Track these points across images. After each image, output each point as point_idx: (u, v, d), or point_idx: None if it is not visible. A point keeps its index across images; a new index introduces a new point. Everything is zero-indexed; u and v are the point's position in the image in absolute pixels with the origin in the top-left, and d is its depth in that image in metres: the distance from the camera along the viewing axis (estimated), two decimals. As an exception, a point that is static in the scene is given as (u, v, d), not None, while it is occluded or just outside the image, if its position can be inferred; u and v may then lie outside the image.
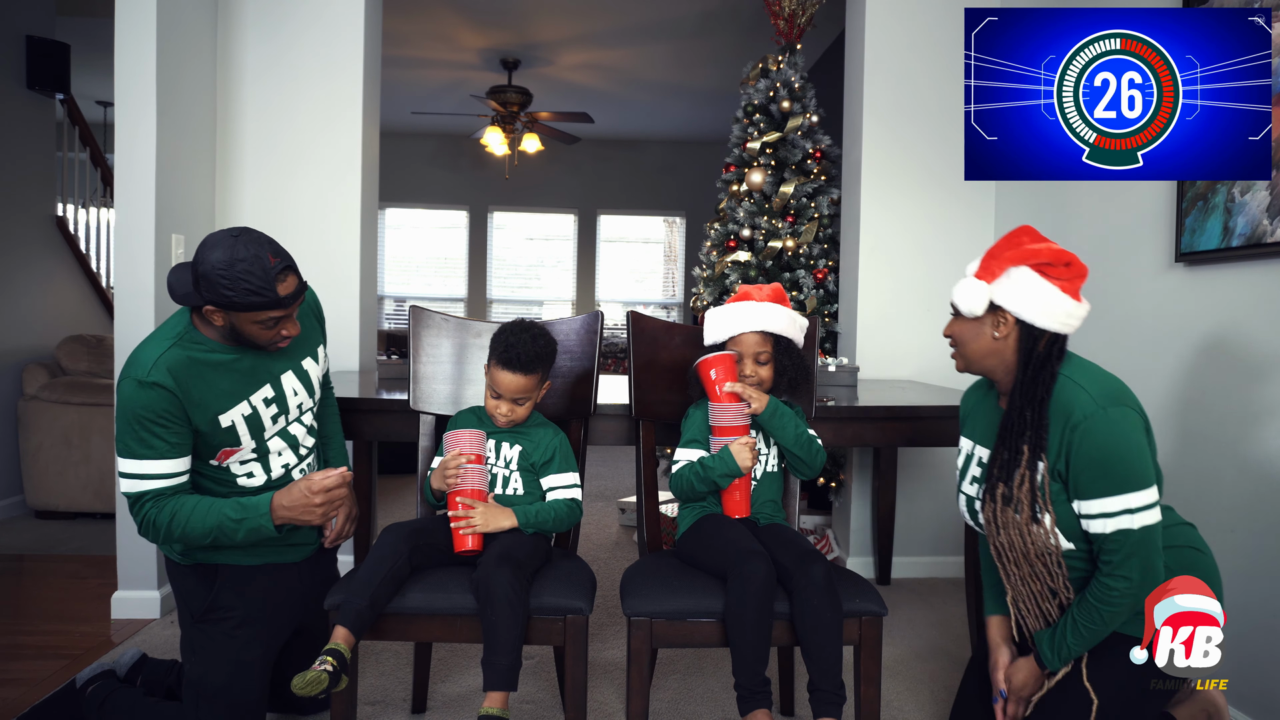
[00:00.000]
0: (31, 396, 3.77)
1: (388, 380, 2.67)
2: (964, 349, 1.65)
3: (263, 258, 1.56)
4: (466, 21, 5.37)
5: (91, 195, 5.09)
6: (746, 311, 1.84)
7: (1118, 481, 1.46)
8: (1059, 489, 1.53)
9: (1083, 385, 1.52)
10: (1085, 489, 1.49)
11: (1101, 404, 1.48)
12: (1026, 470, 1.54)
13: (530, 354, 1.74)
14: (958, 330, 1.66)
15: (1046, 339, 1.56)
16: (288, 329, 1.67)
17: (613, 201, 8.60)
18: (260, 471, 1.75)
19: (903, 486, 3.12)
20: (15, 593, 2.92)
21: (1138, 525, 1.46)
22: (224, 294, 1.55)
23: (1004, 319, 1.58)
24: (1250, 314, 1.95)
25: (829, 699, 1.56)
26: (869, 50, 3.12)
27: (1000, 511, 1.59)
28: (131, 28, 2.51)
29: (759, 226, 3.50)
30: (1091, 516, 1.49)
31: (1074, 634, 1.53)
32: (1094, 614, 1.50)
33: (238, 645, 1.70)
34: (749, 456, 1.74)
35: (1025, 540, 1.56)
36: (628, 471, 5.18)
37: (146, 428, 1.59)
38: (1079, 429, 1.48)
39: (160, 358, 1.61)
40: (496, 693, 1.51)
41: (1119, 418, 1.47)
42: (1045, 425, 1.53)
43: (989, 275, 1.59)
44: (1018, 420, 1.56)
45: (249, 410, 1.70)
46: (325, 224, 3.01)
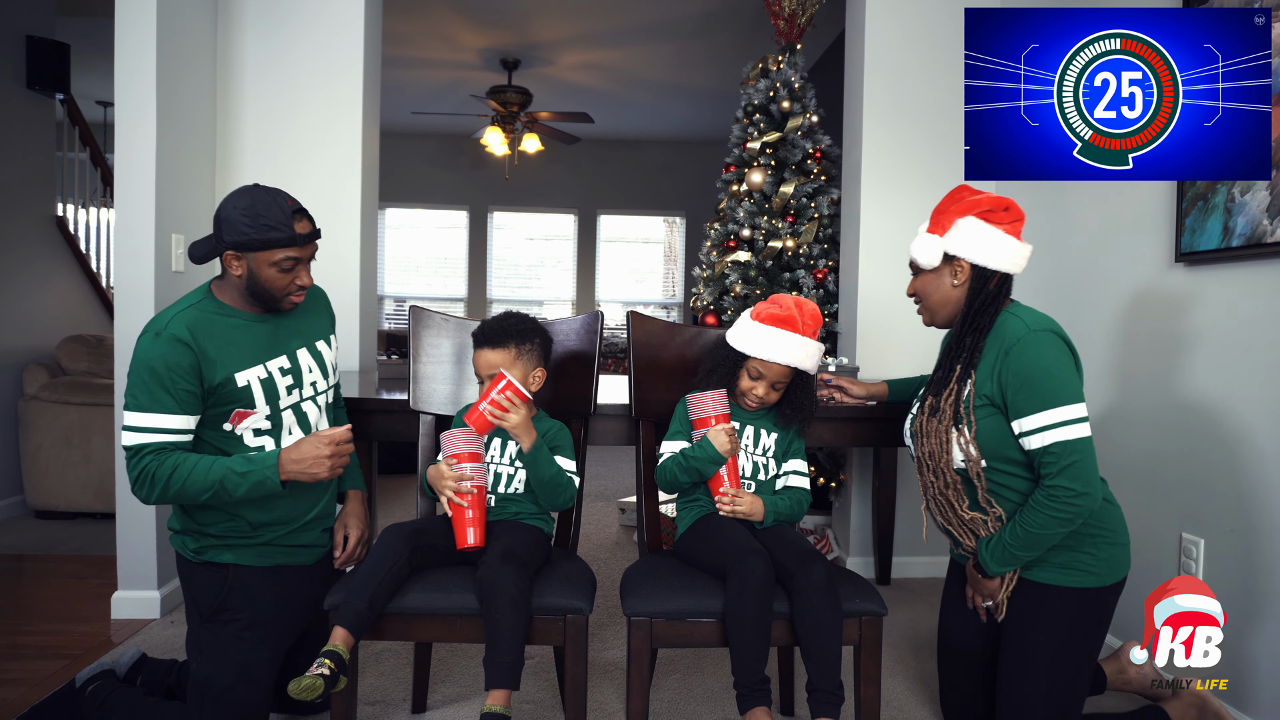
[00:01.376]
0: (31, 396, 3.77)
1: (388, 380, 2.67)
2: (927, 301, 1.79)
3: (280, 199, 1.67)
4: (466, 21, 5.37)
5: (91, 195, 5.09)
6: (787, 343, 1.81)
7: (1049, 395, 1.58)
8: (985, 406, 1.66)
9: (1019, 316, 1.67)
10: (1021, 406, 1.61)
11: (1032, 328, 1.63)
12: (955, 385, 1.70)
13: (494, 327, 1.80)
14: (920, 286, 1.80)
15: (997, 279, 1.72)
16: (302, 277, 1.72)
17: (613, 201, 8.60)
18: (272, 445, 1.76)
19: (903, 486, 3.11)
20: (15, 593, 2.92)
21: (1072, 436, 1.57)
22: (244, 231, 1.63)
23: (960, 267, 1.72)
24: (1250, 314, 1.95)
25: (827, 699, 1.56)
26: (869, 50, 3.12)
27: (926, 422, 1.74)
28: (131, 28, 2.51)
29: (759, 226, 3.50)
30: (1030, 433, 1.60)
31: (1013, 536, 1.63)
32: (1034, 516, 1.60)
33: (245, 647, 1.70)
34: (726, 441, 1.75)
35: (942, 448, 1.70)
36: (628, 471, 5.18)
37: (158, 380, 1.61)
38: (1012, 351, 1.62)
39: (178, 315, 1.67)
40: (499, 691, 1.51)
41: (1046, 340, 1.62)
42: (980, 349, 1.69)
43: (940, 229, 1.73)
44: (957, 345, 1.73)
45: (265, 375, 1.73)
46: (325, 224, 3.00)
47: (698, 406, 1.80)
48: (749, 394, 1.85)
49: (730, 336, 1.86)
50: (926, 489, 1.78)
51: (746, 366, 1.84)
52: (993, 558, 1.67)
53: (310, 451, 1.66)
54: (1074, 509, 1.57)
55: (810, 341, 1.83)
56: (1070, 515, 1.57)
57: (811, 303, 1.88)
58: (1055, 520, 1.58)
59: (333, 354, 1.91)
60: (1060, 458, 1.57)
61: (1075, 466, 1.56)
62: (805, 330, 1.82)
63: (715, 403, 1.79)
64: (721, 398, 1.80)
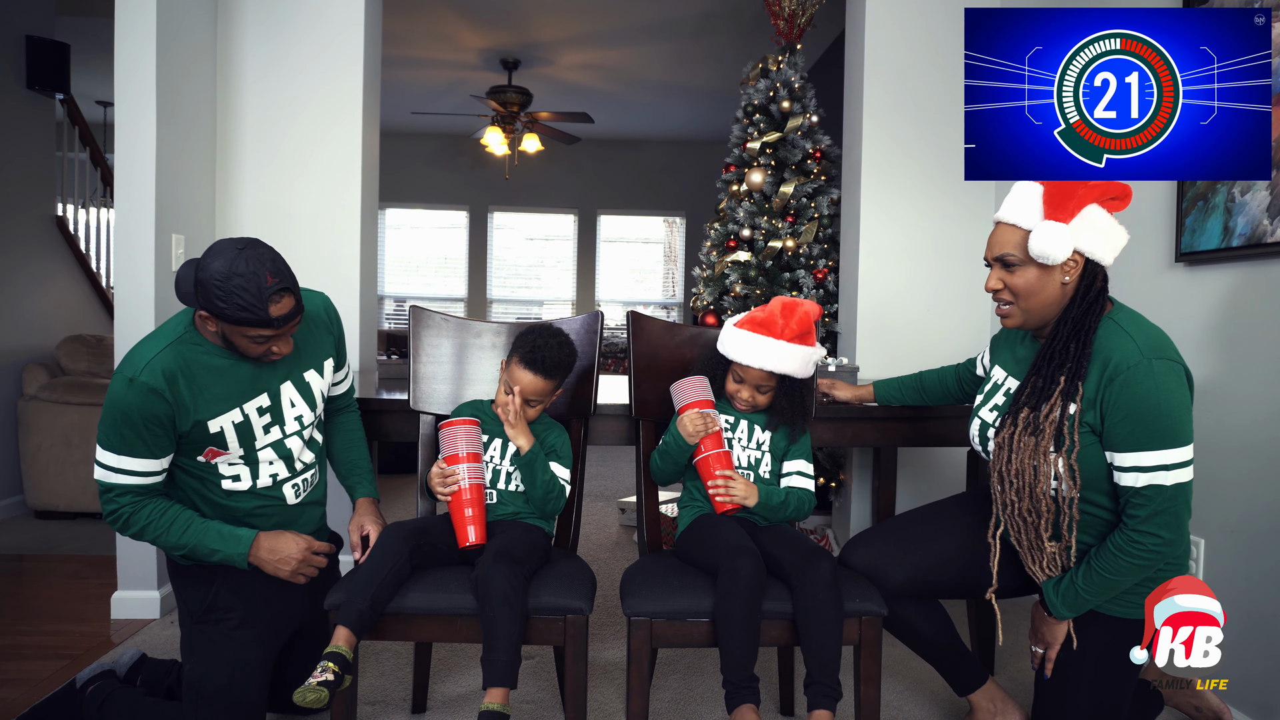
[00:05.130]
0: (31, 396, 3.77)
1: (388, 380, 2.67)
2: (1029, 301, 1.53)
3: (260, 275, 1.53)
4: (466, 21, 5.36)
5: (91, 195, 5.09)
6: (761, 348, 1.78)
7: (1155, 436, 1.41)
8: (1087, 434, 1.48)
9: (1129, 332, 1.46)
10: (1120, 441, 1.44)
11: (1146, 354, 1.42)
12: (1059, 400, 1.48)
13: (554, 359, 1.77)
14: (1022, 284, 1.52)
15: (1102, 274, 1.52)
16: (279, 347, 1.65)
17: (613, 201, 8.60)
18: (248, 477, 1.73)
19: (903, 486, 3.11)
20: (15, 593, 2.92)
21: (1171, 482, 1.41)
22: (216, 304, 1.54)
23: (1074, 262, 1.50)
24: (1250, 314, 1.95)
25: (825, 692, 1.56)
26: (869, 50, 3.12)
27: (1017, 436, 1.52)
28: (131, 28, 2.51)
29: (759, 226, 3.50)
30: (1124, 470, 1.45)
31: (1085, 580, 1.49)
32: (1113, 562, 1.46)
33: (237, 646, 1.70)
34: (689, 426, 1.77)
35: (1036, 471, 1.51)
36: (628, 471, 5.18)
37: (131, 426, 1.58)
38: (1119, 379, 1.42)
39: (155, 358, 1.60)
40: (497, 689, 1.51)
41: (1163, 371, 1.42)
42: (1087, 357, 1.47)
43: (1065, 215, 1.47)
44: (1060, 351, 1.50)
45: (240, 418, 1.68)
46: (325, 224, 3.01)
47: (678, 394, 1.84)
48: (736, 397, 1.87)
49: (719, 340, 1.89)
50: (1007, 507, 1.58)
51: (731, 370, 1.87)
52: (1062, 601, 1.52)
53: (287, 550, 1.70)
54: (1156, 557, 1.44)
55: (791, 346, 1.78)
56: (1150, 563, 1.45)
57: (807, 306, 1.81)
58: (1133, 567, 1.45)
59: (327, 379, 1.85)
60: (1152, 502, 1.43)
61: (1167, 514, 1.42)
62: (785, 334, 1.78)
63: (695, 389, 1.82)
64: (702, 383, 1.83)
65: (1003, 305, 1.59)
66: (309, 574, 1.74)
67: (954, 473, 3.04)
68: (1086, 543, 1.56)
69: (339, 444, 1.96)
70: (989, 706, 1.80)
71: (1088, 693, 1.58)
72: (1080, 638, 1.57)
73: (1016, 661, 2.35)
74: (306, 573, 1.73)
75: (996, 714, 1.79)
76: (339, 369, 1.91)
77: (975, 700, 1.80)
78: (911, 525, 1.80)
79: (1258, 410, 1.91)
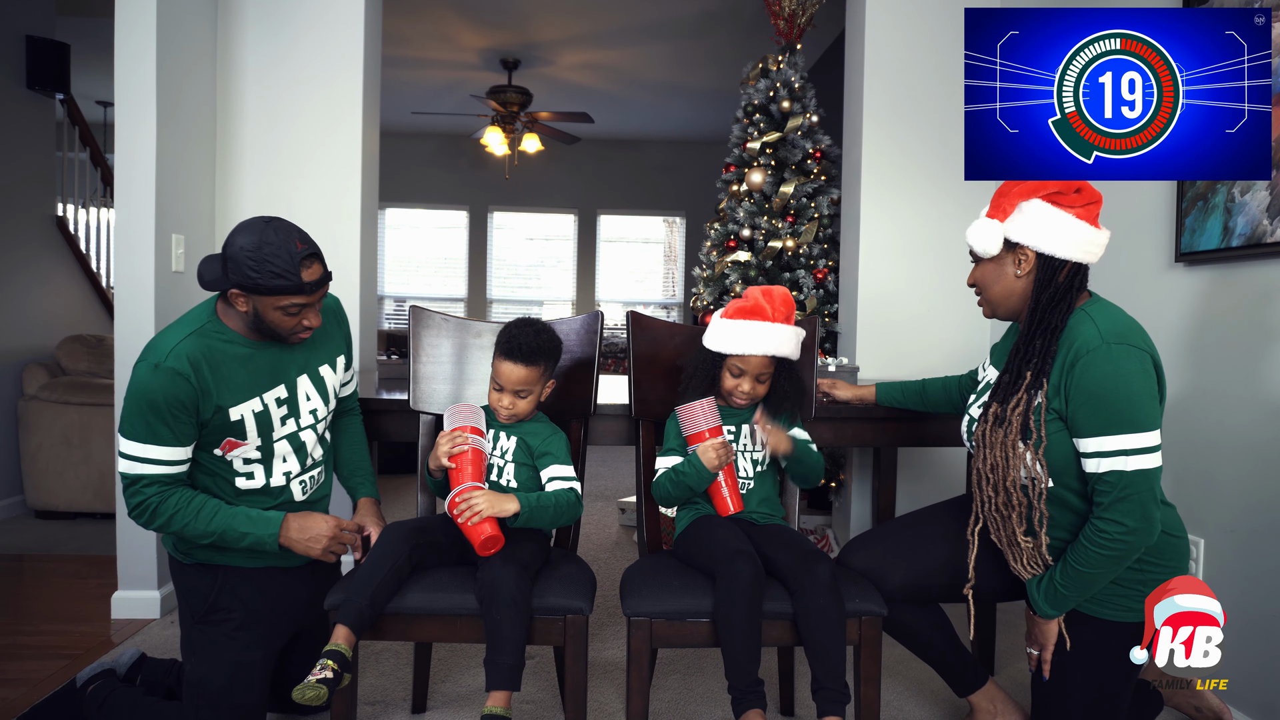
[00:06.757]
0: (31, 396, 3.77)
1: (388, 380, 2.67)
2: (987, 293, 1.63)
3: (290, 243, 1.60)
4: (466, 21, 5.37)
5: (91, 195, 5.09)
6: (759, 333, 1.77)
7: (1115, 420, 1.43)
8: (1054, 420, 1.51)
9: (1095, 320, 1.50)
10: (1082, 425, 1.46)
11: (1107, 339, 1.45)
12: (1024, 394, 1.53)
13: (532, 345, 1.74)
14: (980, 276, 1.64)
15: (1068, 269, 1.54)
16: (309, 319, 1.69)
17: (613, 201, 8.60)
18: (261, 474, 1.74)
19: (903, 486, 3.11)
20: (15, 593, 2.92)
21: (1132, 468, 1.43)
22: (249, 275, 1.57)
23: (1024, 255, 1.56)
24: (1250, 314, 1.95)
25: (834, 697, 1.55)
26: (869, 51, 3.12)
27: (990, 431, 1.57)
28: (131, 28, 2.51)
29: (759, 226, 3.50)
30: (1088, 455, 1.47)
31: (1063, 575, 1.50)
32: (1084, 554, 1.47)
33: (238, 647, 1.70)
34: (714, 457, 1.73)
35: (1007, 463, 1.54)
36: (628, 471, 5.18)
37: (157, 413, 1.58)
38: (1080, 362, 1.46)
39: (179, 344, 1.62)
40: (499, 692, 1.51)
41: (1122, 355, 1.44)
42: (1053, 354, 1.51)
43: (1000, 213, 1.57)
44: (1026, 347, 1.55)
45: (260, 407, 1.70)
46: (325, 224, 3.00)
47: (689, 420, 1.76)
48: (735, 392, 1.82)
49: (705, 339, 1.85)
50: (985, 504, 1.60)
51: (726, 365, 1.82)
52: (1044, 598, 1.54)
53: (318, 528, 1.70)
54: (1123, 546, 1.44)
55: (783, 327, 1.79)
56: (1118, 554, 1.44)
57: (782, 288, 1.83)
58: (1102, 558, 1.45)
59: (339, 376, 1.88)
60: (1114, 489, 1.43)
61: (1129, 501, 1.42)
62: (776, 317, 1.78)
63: (706, 414, 1.75)
64: (711, 406, 1.77)
65: (976, 296, 1.69)
66: (340, 551, 1.75)
67: (954, 473, 3.04)
68: (1064, 539, 1.57)
69: (342, 445, 1.97)
70: (989, 707, 1.80)
71: (1084, 694, 1.58)
72: (1073, 639, 1.57)
73: (1016, 662, 2.35)
74: (337, 550, 1.74)
75: (997, 715, 1.79)
76: (348, 367, 1.94)
77: (975, 701, 1.80)
78: (907, 529, 1.81)
79: (1257, 410, 1.91)
